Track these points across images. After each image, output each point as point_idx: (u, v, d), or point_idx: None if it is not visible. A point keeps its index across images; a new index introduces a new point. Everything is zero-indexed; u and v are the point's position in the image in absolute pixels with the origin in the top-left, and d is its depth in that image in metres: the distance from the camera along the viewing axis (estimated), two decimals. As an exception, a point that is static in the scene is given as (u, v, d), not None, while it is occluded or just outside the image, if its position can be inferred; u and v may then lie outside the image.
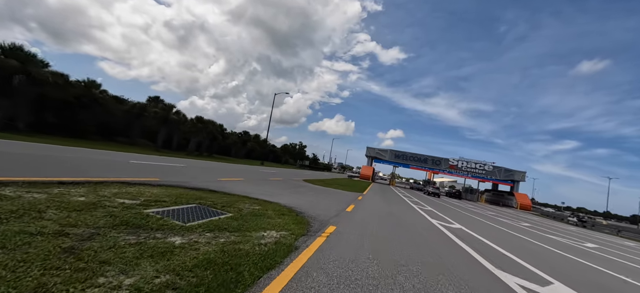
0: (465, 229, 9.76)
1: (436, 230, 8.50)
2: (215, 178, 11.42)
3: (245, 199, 7.94)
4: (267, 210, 6.95)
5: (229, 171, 17.04)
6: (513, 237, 10.34)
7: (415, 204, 17.55)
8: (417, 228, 8.01)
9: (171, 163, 15.34)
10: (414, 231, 7.47)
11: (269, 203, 7.82)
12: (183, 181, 9.01)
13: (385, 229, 7.00)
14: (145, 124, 37.38)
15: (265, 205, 7.57)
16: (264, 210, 6.85)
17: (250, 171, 21.19)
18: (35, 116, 25.13)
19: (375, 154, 57.77)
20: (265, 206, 7.39)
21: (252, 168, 27.46)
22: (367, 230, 6.40)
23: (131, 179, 7.65)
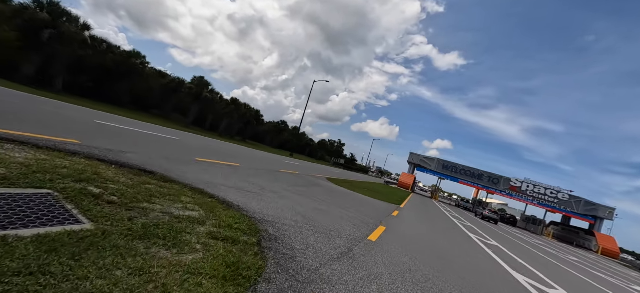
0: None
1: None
2: (192, 157, 8.27)
3: (188, 193, 4.51)
4: (202, 222, 3.35)
5: (231, 154, 14.01)
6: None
7: (474, 233, 12.61)
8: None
9: (163, 134, 12.80)
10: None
11: (221, 207, 4.24)
12: (122, 153, 5.89)
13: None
14: (180, 99, 37.18)
15: (213, 208, 4.06)
16: (193, 221, 3.26)
17: (264, 159, 18.09)
18: (73, 78, 25.44)
19: (419, 161, 51.41)
20: (210, 210, 3.89)
21: (274, 157, 24.50)
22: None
23: (28, 134, 4.69)
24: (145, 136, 9.62)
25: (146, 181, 4.50)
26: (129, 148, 6.48)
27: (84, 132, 6.92)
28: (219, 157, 10.17)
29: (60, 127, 6.68)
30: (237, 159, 11.13)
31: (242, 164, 10.10)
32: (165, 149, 8.10)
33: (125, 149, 6.17)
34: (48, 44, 19.38)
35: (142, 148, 7.05)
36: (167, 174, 5.16)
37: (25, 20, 18.28)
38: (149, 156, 6.27)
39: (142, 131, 11.22)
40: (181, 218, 3.37)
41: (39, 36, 18.83)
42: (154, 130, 13.14)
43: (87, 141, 5.81)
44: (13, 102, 9.04)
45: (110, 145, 6.08)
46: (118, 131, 8.85)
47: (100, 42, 27.63)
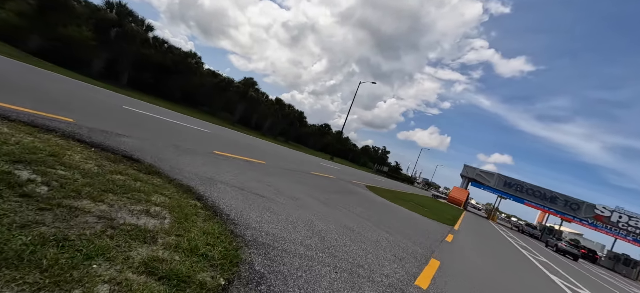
0: None
1: None
2: (210, 150, 7.36)
3: (167, 191, 3.41)
4: (154, 239, 2.03)
5: (261, 151, 13.12)
6: None
7: (561, 277, 9.60)
8: None
9: (196, 126, 12.45)
10: None
11: (204, 215, 2.96)
12: (118, 136, 5.12)
13: None
14: (228, 98, 38.75)
15: (189, 217, 2.83)
16: (137, 237, 1.98)
17: (298, 159, 16.98)
18: (137, 74, 27.96)
19: (474, 175, 45.68)
20: (182, 219, 2.66)
21: (311, 158, 23.38)
22: None
23: (26, 110, 4.10)
24: (169, 126, 9.15)
25: (120, 171, 3.48)
26: (132, 133, 5.73)
27: (95, 114, 6.45)
28: (244, 152, 9.23)
29: (76, 108, 6.29)
30: (264, 157, 10.11)
31: (268, 162, 9.00)
32: (181, 139, 7.35)
33: (126, 133, 5.41)
34: (115, 42, 21.32)
35: (151, 134, 6.31)
36: (157, 165, 4.13)
37: (98, 20, 20.35)
38: (153, 144, 5.41)
39: (171, 120, 10.94)
40: (122, 230, 2.18)
41: (108, 34, 20.80)
42: (187, 122, 12.96)
43: (85, 121, 5.17)
44: (58, 87, 9.37)
45: (111, 128, 5.37)
46: (140, 118, 8.46)
47: (162, 43, 30.04)
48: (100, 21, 20.63)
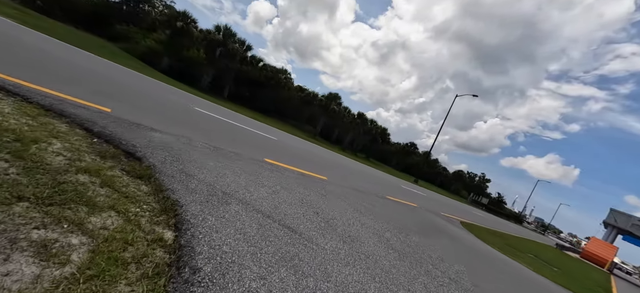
0: None
1: None
2: (262, 157, 6.28)
3: (138, 210, 2.06)
4: None
5: (328, 165, 11.58)
6: None
7: None
8: None
9: (266, 134, 12.00)
10: None
11: (159, 262, 1.44)
12: (148, 130, 4.46)
13: None
14: (312, 112, 39.80)
15: (109, 269, 1.30)
16: None
17: (375, 179, 14.72)
18: (236, 88, 31.64)
19: (629, 226, 32.42)
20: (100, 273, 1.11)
21: (391, 179, 20.59)
22: None
23: (75, 100, 3.88)
24: (230, 129, 8.72)
25: (97, 169, 2.50)
26: (175, 130, 5.08)
27: (148, 109, 6.23)
28: (305, 164, 7.90)
29: (137, 104, 6.25)
30: (329, 172, 8.56)
31: (332, 178, 7.39)
32: (231, 142, 6.54)
33: (164, 129, 4.75)
34: (219, 60, 24.48)
35: (197, 134, 5.60)
36: (162, 168, 3.08)
37: (209, 42, 23.83)
38: (187, 143, 4.57)
39: (240, 125, 10.72)
40: None
41: (214, 54, 24.08)
42: (258, 129, 12.76)
43: (124, 113, 4.73)
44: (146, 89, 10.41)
45: (151, 123, 4.82)
46: (202, 119, 8.25)
47: (259, 61, 33.34)
48: (210, 42, 24.08)
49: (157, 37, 25.26)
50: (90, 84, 5.86)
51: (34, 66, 5.41)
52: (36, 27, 12.38)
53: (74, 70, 6.80)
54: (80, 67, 7.46)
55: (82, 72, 6.88)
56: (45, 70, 5.52)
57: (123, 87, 7.27)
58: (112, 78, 8.04)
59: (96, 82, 6.47)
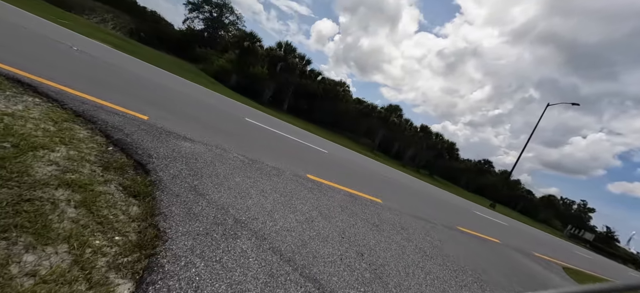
0: None
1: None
2: (305, 171, 5.52)
3: (110, 233, 1.44)
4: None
5: (384, 185, 10.16)
6: None
7: None
8: None
9: (319, 146, 11.31)
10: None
11: None
12: (178, 138, 4.13)
13: None
14: (370, 124, 38.26)
15: None
16: None
17: (441, 202, 12.58)
18: (295, 101, 32.55)
19: None
20: None
21: (461, 203, 17.69)
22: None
23: (110, 105, 3.92)
24: (275, 139, 8.26)
25: (87, 184, 2.04)
26: (210, 139, 4.71)
27: (192, 118, 6.10)
28: (355, 183, 6.86)
29: (185, 114, 6.23)
30: (385, 193, 7.30)
31: (387, 201, 6.17)
32: (272, 153, 5.95)
33: (198, 139, 4.40)
34: (280, 74, 25.51)
35: (234, 144, 5.16)
36: (170, 185, 2.54)
37: (271, 58, 25.12)
38: (218, 154, 4.10)
39: (289, 136, 10.28)
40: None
41: (275, 68, 25.22)
42: (309, 140, 12.20)
43: (162, 121, 4.55)
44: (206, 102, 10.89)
45: (186, 132, 4.53)
46: (247, 129, 7.97)
47: (317, 74, 33.86)
48: (272, 58, 25.35)
49: (228, 57, 27.79)
50: (144, 95, 6.09)
51: (95, 78, 5.86)
52: (131, 52, 14.65)
53: (137, 82, 7.32)
54: (145, 80, 8.10)
55: (143, 84, 7.39)
56: (103, 82, 5.90)
57: (177, 99, 7.53)
58: (171, 90, 8.56)
59: (152, 93, 6.78)
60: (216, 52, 30.79)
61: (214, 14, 40.30)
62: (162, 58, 18.78)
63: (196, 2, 40.39)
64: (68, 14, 22.12)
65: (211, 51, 31.40)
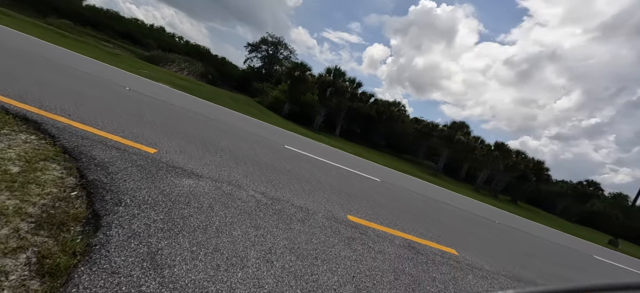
0: None
1: None
2: (342, 214, 4.25)
3: None
4: None
5: (453, 223, 7.97)
6: None
7: None
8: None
9: (370, 175, 9.79)
10: None
11: None
12: (175, 170, 3.36)
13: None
14: (432, 145, 34.59)
15: None
16: None
17: (551, 249, 9.50)
18: (347, 125, 31.62)
19: None
20: None
21: (572, 243, 13.59)
22: None
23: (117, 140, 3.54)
24: (319, 170, 7.14)
25: None
26: (228, 175, 3.88)
27: (216, 150, 5.44)
28: (419, 224, 5.22)
29: (213, 143, 5.68)
30: (459, 237, 5.41)
31: (466, 252, 4.38)
32: (310, 189, 4.83)
33: (207, 173, 3.61)
34: (330, 99, 25.15)
35: (256, 179, 4.24)
36: (120, 244, 1.65)
37: (320, 84, 25.10)
38: (229, 192, 3.20)
39: (335, 164, 9.06)
40: None
41: (325, 94, 25.00)
42: (360, 168, 10.77)
43: (172, 154, 3.92)
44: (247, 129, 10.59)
45: (201, 166, 3.80)
46: (288, 158, 7.07)
47: (369, 97, 32.63)
48: (322, 84, 25.29)
49: (281, 88, 28.86)
50: (172, 125, 5.80)
51: (125, 113, 5.80)
52: (190, 90, 16.04)
53: (173, 114, 7.27)
54: (184, 112, 8.13)
55: (178, 116, 7.32)
56: (131, 115, 5.77)
57: (211, 128, 7.21)
58: (209, 120, 8.43)
59: (182, 124, 6.55)
60: (271, 85, 32.50)
61: (270, 51, 43.61)
62: (218, 93, 20.22)
63: (254, 44, 44.51)
64: (149, 65, 26.05)
65: (267, 84, 33.33)
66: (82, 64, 10.95)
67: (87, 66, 10.59)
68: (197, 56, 56.15)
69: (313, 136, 16.38)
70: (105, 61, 15.11)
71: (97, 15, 63.78)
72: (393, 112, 33.15)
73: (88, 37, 45.87)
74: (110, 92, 6.88)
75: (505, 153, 30.78)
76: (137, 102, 6.64)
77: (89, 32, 50.88)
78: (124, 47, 48.79)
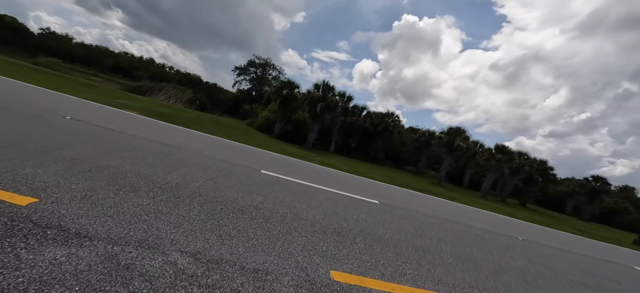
0: None
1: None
2: (327, 265, 2.92)
3: None
4: None
5: (468, 253, 6.63)
6: None
7: None
8: None
9: (363, 196, 8.49)
10: None
11: None
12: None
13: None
14: (432, 153, 33.43)
15: None
16: None
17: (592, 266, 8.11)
18: (342, 141, 30.46)
19: None
20: None
21: (607, 252, 12.16)
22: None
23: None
24: (300, 197, 5.83)
25: None
26: (132, 228, 2.59)
27: (149, 187, 4.16)
28: (431, 264, 3.90)
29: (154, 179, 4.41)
30: (488, 272, 4.08)
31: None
32: (276, 227, 3.53)
33: (98, 231, 2.31)
34: (321, 115, 24.13)
35: (183, 228, 2.96)
36: None
37: (310, 100, 24.16)
38: (129, 262, 1.90)
39: (322, 188, 7.77)
40: None
41: (316, 110, 24.01)
42: (355, 188, 9.47)
43: (61, 206, 2.64)
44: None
45: (96, 219, 2.51)
46: (260, 185, 5.78)
47: (362, 110, 31.75)
48: (311, 100, 24.36)
49: (270, 108, 27.90)
50: (89, 163, 4.54)
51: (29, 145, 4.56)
52: (168, 116, 14.93)
53: (107, 146, 6.01)
54: (125, 143, 6.89)
55: (114, 148, 6.08)
56: (36, 149, 4.52)
57: (161, 161, 5.96)
58: (176, 147, 7.19)
59: (115, 159, 5.30)
60: (260, 105, 31.60)
61: (259, 73, 43.13)
62: (202, 118, 19.11)
63: (242, 67, 44.11)
64: (133, 95, 25.04)
65: (256, 105, 32.44)
66: (33, 95, 9.79)
67: (36, 97, 9.44)
68: (188, 84, 55.76)
69: (304, 155, 15.12)
70: (76, 93, 14.00)
71: (86, 52, 63.90)
72: (388, 123, 32.15)
73: (76, 73, 45.35)
74: (36, 123, 5.64)
75: (508, 155, 29.62)
76: (66, 134, 5.39)
77: (77, 69, 50.54)
78: (112, 80, 48.29)
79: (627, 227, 43.92)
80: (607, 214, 44.58)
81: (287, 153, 13.55)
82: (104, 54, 66.33)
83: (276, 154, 11.64)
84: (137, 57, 76.08)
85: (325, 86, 24.58)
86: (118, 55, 71.29)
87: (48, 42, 57.36)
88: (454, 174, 34.74)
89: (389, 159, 33.96)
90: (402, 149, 35.13)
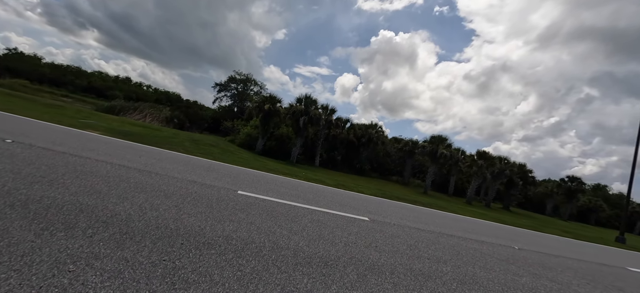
0: None
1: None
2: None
3: None
4: None
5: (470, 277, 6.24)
6: None
7: None
8: None
9: (349, 213, 8.00)
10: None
11: None
12: None
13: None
14: (417, 162, 33.64)
15: None
16: None
17: (596, 273, 7.90)
18: (327, 154, 30.04)
19: None
20: None
21: (585, 249, 12.18)
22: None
23: None
24: (282, 221, 5.24)
25: None
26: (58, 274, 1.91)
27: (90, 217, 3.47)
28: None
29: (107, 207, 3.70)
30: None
31: None
32: (249, 257, 2.92)
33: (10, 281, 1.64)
34: (304, 129, 23.68)
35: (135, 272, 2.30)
36: None
37: (292, 114, 23.70)
38: None
39: (302, 205, 7.19)
40: None
41: (299, 124, 23.54)
42: (341, 203, 8.95)
43: None
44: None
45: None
46: (234, 208, 5.15)
47: (345, 122, 31.63)
48: (294, 114, 23.92)
49: (253, 123, 27.17)
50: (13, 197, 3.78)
51: None
52: (146, 136, 13.91)
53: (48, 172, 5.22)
54: (74, 167, 6.09)
55: (61, 173, 5.29)
56: None
57: (115, 187, 5.23)
58: (137, 169, 6.43)
59: (52, 190, 4.54)
60: (242, 121, 30.78)
61: (240, 88, 42.36)
62: (178, 136, 18.08)
63: (222, 83, 43.24)
64: (103, 115, 23.59)
65: (238, 121, 31.58)
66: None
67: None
68: (167, 102, 53.92)
69: (287, 171, 14.47)
70: (35, 115, 12.76)
71: (56, 72, 60.88)
72: (371, 134, 32.16)
73: (44, 94, 42.71)
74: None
75: (489, 161, 30.28)
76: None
77: (45, 90, 47.84)
78: (84, 100, 45.96)
79: (603, 224, 45.91)
80: (583, 212, 46.46)
81: (268, 169, 12.86)
82: (75, 74, 63.46)
83: (256, 171, 10.94)
84: (112, 77, 73.35)
85: (308, 99, 24.28)
86: (91, 74, 68.44)
87: (13, 62, 54.28)
88: (439, 182, 35.03)
89: (374, 170, 33.81)
90: (386, 160, 35.16)
